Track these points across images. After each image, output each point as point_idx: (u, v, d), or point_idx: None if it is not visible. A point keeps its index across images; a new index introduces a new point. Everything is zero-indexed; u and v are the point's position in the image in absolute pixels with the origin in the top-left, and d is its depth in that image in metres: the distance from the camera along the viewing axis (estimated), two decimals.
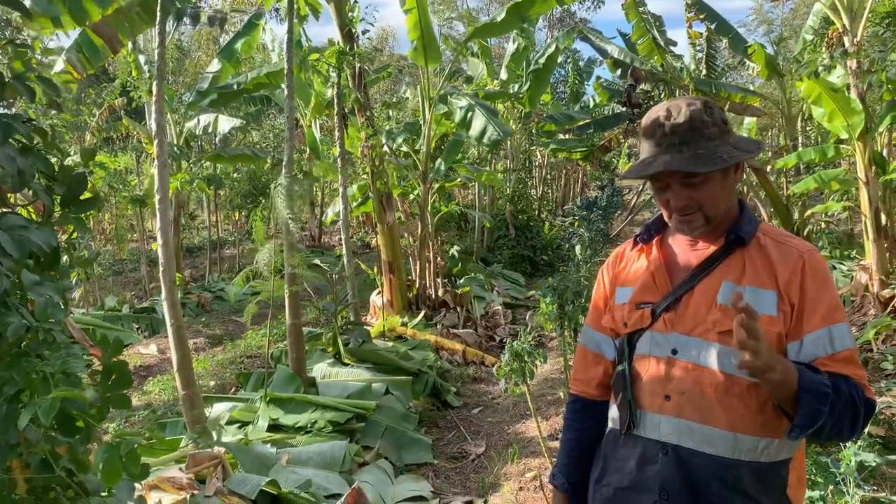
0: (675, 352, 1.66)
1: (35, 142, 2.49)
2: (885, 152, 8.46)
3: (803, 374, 1.48)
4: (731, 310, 1.59)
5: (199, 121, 12.02)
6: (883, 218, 7.62)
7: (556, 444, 5.05)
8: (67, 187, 2.56)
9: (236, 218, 18.98)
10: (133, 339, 9.29)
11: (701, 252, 1.71)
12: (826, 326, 1.57)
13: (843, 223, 12.16)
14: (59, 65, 6.30)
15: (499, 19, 7.85)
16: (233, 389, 6.85)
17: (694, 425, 1.60)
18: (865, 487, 3.56)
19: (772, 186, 9.91)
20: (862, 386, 1.55)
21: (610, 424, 1.84)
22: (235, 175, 16.53)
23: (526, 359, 4.52)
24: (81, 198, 2.63)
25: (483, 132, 7.94)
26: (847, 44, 7.37)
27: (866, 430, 4.00)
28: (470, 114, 8.18)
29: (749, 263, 1.65)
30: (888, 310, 7.28)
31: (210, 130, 11.89)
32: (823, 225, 11.08)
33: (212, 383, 7.16)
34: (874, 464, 3.65)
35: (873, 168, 7.41)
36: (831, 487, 3.43)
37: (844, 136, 7.36)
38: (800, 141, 12.63)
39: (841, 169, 8.65)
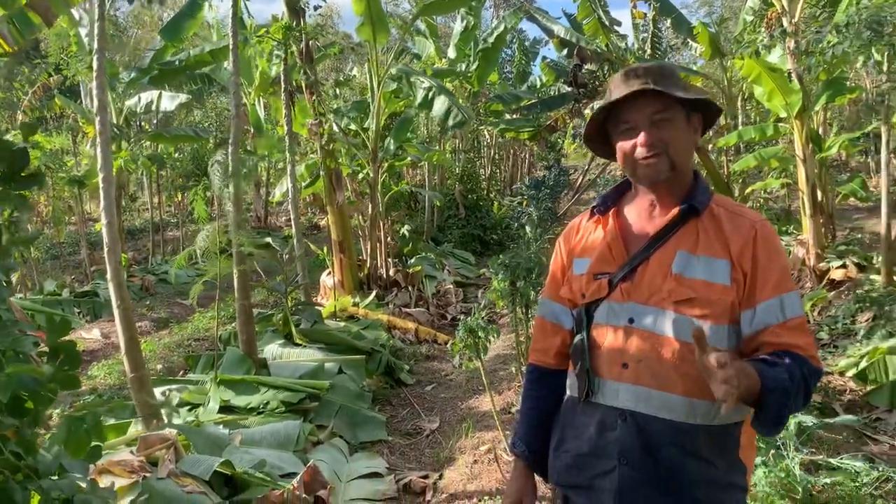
0: (631, 321, 1.69)
1: None
2: (821, 130, 8.75)
3: (764, 372, 1.51)
4: (686, 279, 1.65)
5: (139, 98, 11.65)
6: (819, 194, 7.90)
7: (510, 417, 5.14)
8: (7, 163, 2.47)
9: (179, 199, 18.57)
10: (75, 324, 9.03)
11: (656, 222, 1.75)
12: (778, 295, 1.63)
13: (781, 200, 12.56)
14: None
15: None
16: (181, 373, 6.74)
17: (651, 392, 1.64)
18: (804, 451, 3.72)
19: (713, 164, 10.15)
20: (810, 357, 1.61)
21: (568, 392, 1.87)
22: (177, 155, 16.13)
23: (480, 334, 4.56)
24: (23, 174, 2.54)
25: (447, 113, 7.90)
26: (785, 24, 7.57)
27: None
28: (431, 94, 8.12)
29: (703, 233, 1.69)
30: (823, 282, 7.57)
31: (153, 108, 11.54)
32: (762, 201, 11.42)
33: (159, 367, 7.02)
34: (812, 425, 3.81)
35: (810, 145, 7.66)
36: (773, 451, 3.57)
37: (783, 114, 7.59)
38: (740, 120, 12.96)
39: (779, 147, 8.91)
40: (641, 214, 1.80)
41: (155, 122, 16.44)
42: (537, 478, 1.98)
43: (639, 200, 1.82)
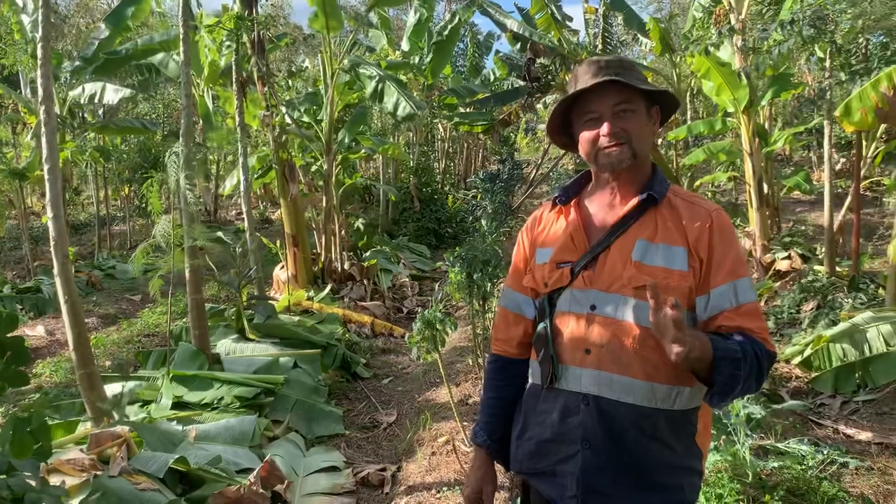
0: (593, 308, 1.72)
1: None
2: (767, 125, 8.98)
3: (716, 342, 1.55)
4: (646, 266, 1.68)
5: (84, 89, 11.30)
6: (765, 187, 8.12)
7: (468, 408, 5.16)
8: None
9: (125, 192, 18.09)
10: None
11: (617, 211, 1.78)
12: (731, 281, 1.67)
13: (728, 193, 12.87)
14: None
15: None
16: (131, 369, 6.58)
17: (613, 377, 1.67)
18: (753, 436, 3.83)
19: (662, 158, 10.36)
20: (763, 340, 1.65)
21: (531, 380, 1.89)
22: (124, 147, 15.70)
23: (438, 327, 4.57)
24: None
25: (396, 106, 7.85)
26: (733, 21, 7.75)
27: None
28: (381, 86, 8.06)
29: (661, 222, 1.73)
30: (769, 273, 7.80)
31: (97, 100, 11.20)
32: (710, 195, 11.69)
33: (108, 363, 6.85)
34: (760, 416, 3.92)
35: (757, 140, 7.86)
36: (724, 437, 3.67)
37: (731, 109, 7.76)
38: (689, 115, 13.23)
39: (727, 141, 9.13)
40: (602, 205, 1.83)
41: (100, 112, 15.99)
42: (497, 467, 2.00)
43: (599, 191, 1.85)
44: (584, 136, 1.78)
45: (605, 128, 1.72)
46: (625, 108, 1.72)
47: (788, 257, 7.78)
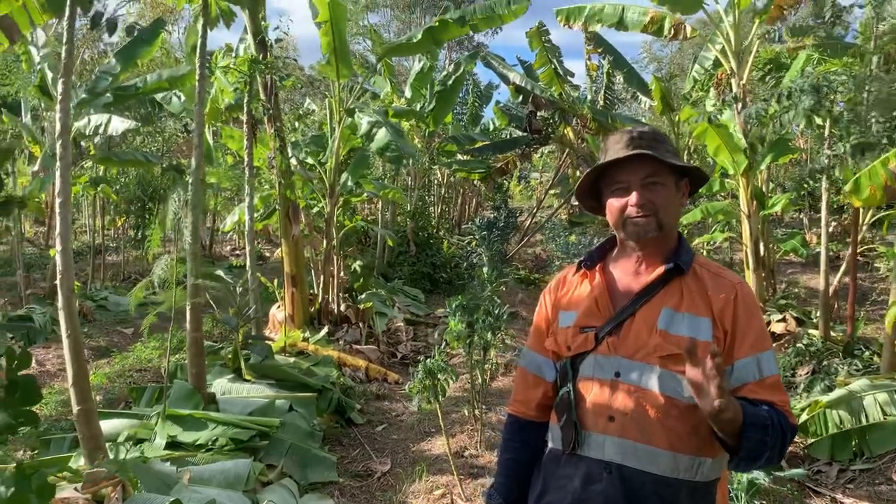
0: (618, 374, 1.74)
1: None
2: (764, 188, 9.14)
3: (745, 407, 1.58)
4: (671, 335, 1.71)
5: (89, 120, 11.37)
6: (762, 249, 8.22)
7: (464, 461, 5.12)
8: None
9: (119, 223, 18.05)
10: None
11: (642, 279, 1.82)
12: (755, 354, 1.71)
13: (723, 252, 13.00)
14: None
15: (415, 40, 7.94)
16: (121, 405, 6.50)
17: (637, 445, 1.69)
18: (755, 503, 3.83)
19: None
20: (786, 413, 1.68)
21: (550, 444, 1.89)
22: (122, 179, 15.72)
23: (439, 377, 4.57)
24: None
25: (385, 147, 7.93)
26: (735, 87, 7.94)
27: None
28: (374, 129, 8.16)
29: (686, 292, 1.77)
30: None
31: (102, 132, 11.26)
32: (706, 253, 11.79)
33: (99, 398, 6.76)
34: (762, 482, 3.93)
35: (754, 202, 7.99)
36: None
37: (731, 171, 7.91)
38: None
39: (725, 202, 9.27)
40: (627, 272, 1.86)
41: (97, 141, 16.05)
42: None
43: (625, 258, 1.89)
44: (613, 205, 1.82)
45: (633, 198, 1.76)
46: (654, 180, 1.76)
47: (783, 320, 7.85)
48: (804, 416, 5.48)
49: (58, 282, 4.25)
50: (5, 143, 14.48)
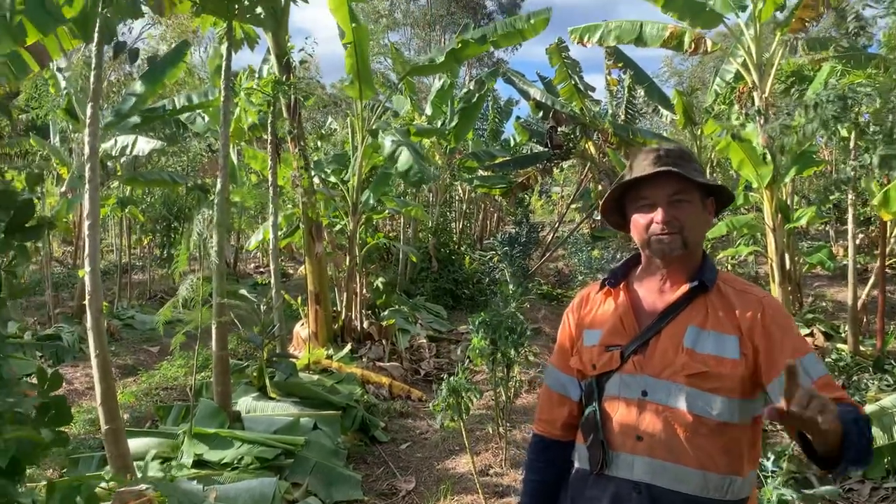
0: (644, 393, 1.74)
1: None
2: (789, 201, 9.06)
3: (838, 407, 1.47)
4: (698, 353, 1.70)
5: (116, 141, 11.58)
6: (787, 263, 8.13)
7: (488, 479, 5.10)
8: (14, 214, 2.45)
9: (145, 243, 18.29)
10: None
11: (666, 297, 1.81)
12: (798, 358, 1.65)
13: (748, 266, 12.87)
14: None
15: (438, 61, 8.03)
16: (148, 423, 6.57)
17: (666, 464, 1.68)
18: None
19: None
20: (855, 405, 1.61)
21: (577, 464, 1.88)
22: (147, 199, 15.96)
23: (463, 394, 4.56)
24: (27, 224, 2.52)
25: (409, 170, 7.98)
26: (757, 100, 7.89)
27: (784, 467, 4.25)
28: (397, 150, 8.22)
29: (711, 309, 1.76)
30: None
31: (128, 152, 11.46)
32: (730, 267, 11.69)
33: (126, 416, 6.83)
34: (791, 499, 3.86)
35: (779, 215, 7.92)
36: None
37: (755, 184, 7.85)
38: None
39: (750, 216, 9.19)
40: (652, 289, 1.86)
41: (124, 162, 16.32)
42: None
43: (649, 276, 1.88)
44: (638, 221, 1.82)
45: (659, 215, 1.76)
46: (680, 198, 1.76)
47: (811, 334, 7.75)
48: None
49: (86, 302, 4.32)
50: (35, 167, 14.79)
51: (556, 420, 1.97)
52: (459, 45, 7.97)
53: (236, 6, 5.36)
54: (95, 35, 4.31)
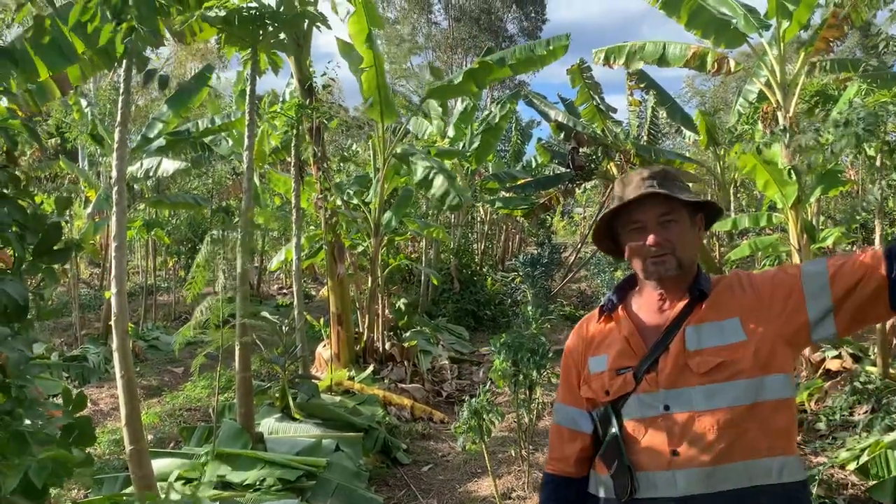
0: (667, 408, 1.72)
1: (8, 189, 2.43)
2: (814, 221, 8.95)
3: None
4: (705, 349, 1.71)
5: (141, 164, 11.79)
6: None
7: (511, 502, 5.05)
8: (42, 237, 2.50)
9: (170, 264, 18.52)
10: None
11: (667, 313, 1.82)
12: (799, 269, 1.73)
13: None
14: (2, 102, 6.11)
15: (456, 82, 8.09)
16: (171, 444, 6.61)
17: (707, 469, 1.64)
18: None
19: (706, 250, 10.32)
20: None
21: (602, 495, 1.83)
22: (173, 221, 16.19)
23: (485, 416, 4.54)
24: (55, 247, 2.57)
25: (445, 195, 8.05)
26: (781, 119, 7.84)
27: (814, 492, 4.16)
28: (431, 174, 8.30)
29: (706, 307, 1.78)
30: (819, 372, 7.60)
31: (152, 174, 11.66)
32: None
33: (150, 437, 6.87)
34: None
35: (805, 236, 7.82)
36: None
37: (780, 204, 7.77)
38: (732, 207, 13.24)
39: (774, 236, 9.09)
40: (651, 309, 1.87)
41: (150, 184, 16.59)
42: None
43: (646, 295, 1.89)
44: (631, 246, 1.84)
45: (650, 238, 1.78)
46: (668, 218, 1.79)
47: (839, 356, 7.59)
48: (864, 457, 5.27)
49: (112, 323, 4.37)
50: (65, 190, 15.07)
51: (568, 457, 1.94)
52: (478, 66, 8.03)
53: (260, 33, 5.46)
54: (124, 62, 4.41)
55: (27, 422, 2.16)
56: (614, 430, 1.78)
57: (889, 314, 1.67)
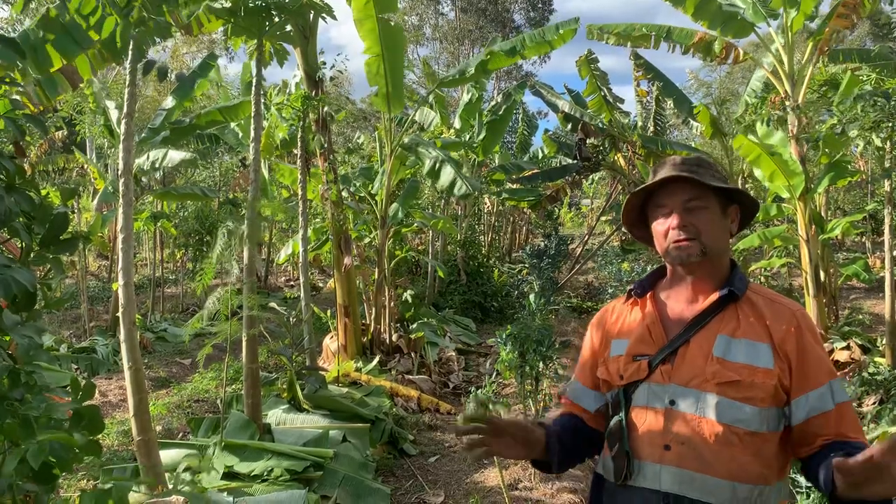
0: (673, 402, 1.71)
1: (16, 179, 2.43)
2: (822, 212, 8.90)
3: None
4: (729, 362, 1.68)
5: (148, 157, 11.80)
6: (822, 275, 7.97)
7: (517, 493, 5.06)
8: (49, 227, 2.51)
9: (177, 256, 18.58)
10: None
11: (695, 306, 1.80)
12: (828, 381, 1.68)
13: (781, 278, 12.66)
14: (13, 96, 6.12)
15: (468, 73, 8.08)
16: (179, 435, 6.64)
17: (695, 475, 1.65)
18: None
19: None
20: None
21: (602, 474, 1.86)
22: (180, 213, 16.23)
23: (490, 407, 4.53)
24: (61, 237, 2.58)
25: (453, 185, 8.06)
26: (789, 108, 7.79)
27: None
28: (438, 165, 8.30)
29: (742, 318, 1.74)
30: None
31: (158, 165, 11.67)
32: (763, 280, 11.50)
33: (158, 428, 6.91)
34: None
35: (813, 227, 7.78)
36: None
37: (786, 195, 7.72)
38: None
39: (782, 227, 9.05)
40: (679, 299, 1.85)
41: (159, 177, 16.61)
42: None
43: (676, 285, 1.87)
44: (656, 230, 1.83)
45: (673, 220, 1.77)
46: (695, 204, 1.76)
47: (848, 347, 7.57)
48: None
49: (120, 315, 4.39)
50: (73, 182, 15.14)
51: (573, 411, 1.99)
52: (488, 56, 8.01)
53: (266, 25, 5.45)
54: (130, 54, 4.42)
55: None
56: (621, 413, 1.79)
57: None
